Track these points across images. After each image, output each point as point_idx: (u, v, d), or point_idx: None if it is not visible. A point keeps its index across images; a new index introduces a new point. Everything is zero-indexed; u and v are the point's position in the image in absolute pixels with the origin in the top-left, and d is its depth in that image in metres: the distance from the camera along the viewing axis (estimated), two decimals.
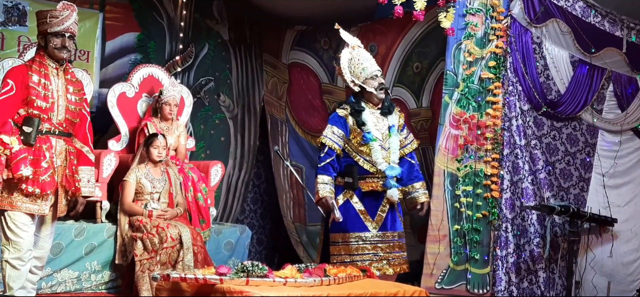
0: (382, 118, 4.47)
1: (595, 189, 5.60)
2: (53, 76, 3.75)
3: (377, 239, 4.35)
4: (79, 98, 3.87)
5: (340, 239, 4.39)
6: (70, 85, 3.83)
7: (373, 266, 4.26)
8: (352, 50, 4.57)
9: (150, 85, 6.01)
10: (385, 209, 4.42)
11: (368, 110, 4.44)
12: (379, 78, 4.47)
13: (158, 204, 5.06)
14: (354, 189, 4.35)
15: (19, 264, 3.66)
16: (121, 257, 5.05)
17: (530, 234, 5.29)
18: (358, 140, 4.39)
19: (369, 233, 4.34)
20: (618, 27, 5.57)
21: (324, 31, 7.19)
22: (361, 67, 4.47)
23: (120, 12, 6.46)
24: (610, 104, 5.70)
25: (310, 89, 7.37)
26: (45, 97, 3.68)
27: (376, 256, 4.33)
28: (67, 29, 3.73)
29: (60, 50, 3.73)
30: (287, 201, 7.58)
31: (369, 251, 4.33)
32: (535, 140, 5.40)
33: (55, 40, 3.71)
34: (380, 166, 4.33)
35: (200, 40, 7.01)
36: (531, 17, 5.32)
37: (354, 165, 4.38)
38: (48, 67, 3.74)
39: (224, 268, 3.40)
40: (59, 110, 3.74)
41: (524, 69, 5.33)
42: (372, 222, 4.37)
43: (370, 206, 4.38)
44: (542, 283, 5.31)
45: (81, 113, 3.89)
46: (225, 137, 7.26)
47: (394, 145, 4.44)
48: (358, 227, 4.33)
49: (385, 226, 4.40)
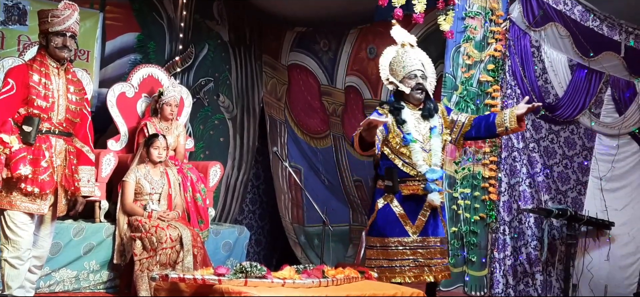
0: (423, 119, 4.23)
1: (592, 192, 5.62)
2: (54, 76, 3.75)
3: (416, 244, 4.14)
4: (79, 98, 3.87)
5: (378, 243, 4.20)
6: (71, 85, 3.83)
7: (412, 272, 4.10)
8: (400, 48, 4.32)
9: (150, 86, 6.02)
10: (426, 213, 4.18)
11: (408, 110, 4.23)
12: (417, 78, 4.22)
13: (158, 205, 5.06)
14: (395, 192, 4.15)
15: (17, 263, 3.66)
16: (119, 257, 5.06)
17: (528, 237, 5.31)
18: (397, 141, 4.17)
19: (409, 238, 4.14)
20: (616, 31, 5.60)
21: (324, 33, 7.21)
22: (402, 65, 4.24)
23: (121, 12, 6.47)
24: (608, 107, 5.73)
25: (310, 90, 7.38)
26: (46, 96, 3.68)
27: (416, 262, 4.12)
28: (69, 28, 3.73)
29: (62, 49, 3.73)
30: (285, 202, 7.59)
31: (408, 256, 4.12)
32: (533, 143, 5.42)
33: (57, 39, 3.71)
34: (421, 169, 4.10)
35: (200, 41, 7.03)
36: (530, 20, 5.33)
37: (394, 168, 4.16)
38: (49, 67, 3.74)
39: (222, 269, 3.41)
40: (59, 110, 3.74)
41: (523, 73, 5.35)
42: (412, 226, 4.16)
43: (410, 210, 4.16)
44: (539, 286, 5.32)
45: (82, 113, 3.89)
46: (224, 137, 7.27)
47: (435, 147, 4.18)
48: (397, 231, 4.14)
49: (426, 231, 4.17)
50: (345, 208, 7.33)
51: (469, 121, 4.33)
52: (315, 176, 7.49)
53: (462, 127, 4.32)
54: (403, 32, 4.41)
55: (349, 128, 7.14)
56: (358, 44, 6.96)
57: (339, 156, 7.29)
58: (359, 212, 7.24)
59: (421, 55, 4.37)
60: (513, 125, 4.22)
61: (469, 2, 5.30)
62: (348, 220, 7.33)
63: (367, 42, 6.86)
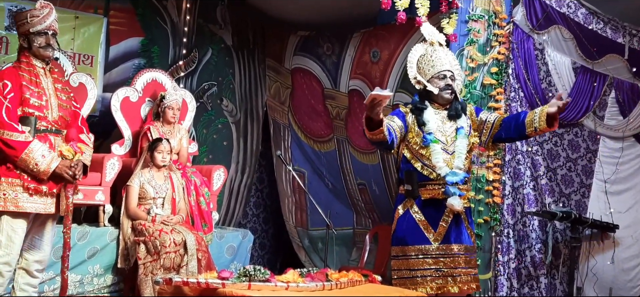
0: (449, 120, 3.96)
1: (596, 195, 5.61)
2: (42, 76, 3.71)
3: (439, 252, 3.86)
4: (68, 96, 3.84)
5: (400, 253, 3.93)
6: (58, 83, 3.80)
7: (435, 282, 3.83)
8: (429, 46, 4.08)
9: (153, 90, 6.03)
10: (448, 219, 3.88)
11: (432, 110, 3.97)
12: (446, 79, 3.97)
13: (162, 209, 5.07)
14: (415, 197, 3.90)
15: (6, 269, 3.60)
16: (123, 261, 5.07)
17: (532, 240, 5.29)
18: (417, 141, 3.91)
19: (431, 246, 3.85)
20: (620, 34, 5.59)
21: (327, 37, 7.21)
22: (431, 64, 4.00)
23: (124, 17, 6.50)
24: (612, 110, 5.71)
25: (313, 94, 7.39)
26: (39, 95, 3.64)
27: (439, 271, 3.84)
28: (50, 26, 3.70)
29: (45, 48, 3.69)
30: (289, 206, 7.59)
31: (430, 265, 3.84)
32: (536, 146, 5.41)
33: (39, 39, 3.68)
34: (440, 171, 3.82)
35: (204, 45, 7.04)
36: (533, 23, 5.33)
37: (413, 171, 3.91)
38: (35, 67, 3.71)
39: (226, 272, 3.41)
40: (52, 108, 3.70)
41: (526, 76, 5.34)
42: (434, 233, 3.87)
43: (431, 216, 3.88)
44: (544, 289, 5.31)
45: (71, 110, 3.85)
46: (227, 141, 7.28)
47: (459, 148, 3.89)
48: (418, 239, 3.87)
49: (448, 239, 3.87)
50: (349, 211, 7.33)
51: (498, 121, 4.01)
52: (319, 180, 7.50)
53: (492, 128, 4.01)
54: (433, 29, 4.19)
55: (353, 131, 7.14)
56: (361, 48, 6.96)
57: (343, 160, 7.29)
58: (363, 215, 7.23)
59: (450, 55, 4.14)
60: (542, 126, 3.82)
61: (472, 5, 5.29)
62: (352, 223, 7.33)
63: (370, 46, 6.86)
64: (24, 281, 3.78)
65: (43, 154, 3.55)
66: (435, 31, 4.17)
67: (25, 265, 3.76)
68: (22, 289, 3.77)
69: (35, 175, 3.56)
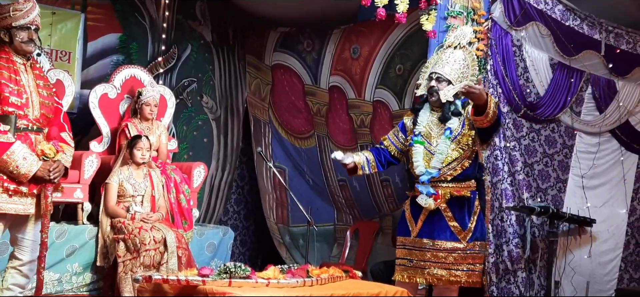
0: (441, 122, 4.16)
1: (572, 190, 5.67)
2: (22, 72, 3.63)
3: (411, 245, 4.21)
4: (49, 93, 3.76)
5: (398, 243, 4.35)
6: (39, 79, 3.72)
7: (406, 272, 4.19)
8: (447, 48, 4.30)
9: (132, 86, 5.99)
10: (424, 216, 4.17)
11: (427, 110, 4.24)
12: (432, 81, 4.17)
13: (141, 207, 5.04)
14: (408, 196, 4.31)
15: None
16: (103, 260, 5.03)
17: (509, 235, 5.34)
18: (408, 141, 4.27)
19: (409, 238, 4.23)
20: (597, 30, 5.66)
21: (307, 33, 7.21)
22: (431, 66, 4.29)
23: (102, 13, 6.44)
24: (589, 106, 5.78)
25: (294, 90, 7.38)
26: (19, 93, 3.57)
27: (410, 262, 4.18)
28: (32, 21, 3.63)
29: (28, 43, 3.61)
30: (270, 202, 7.59)
31: (405, 256, 4.23)
32: (514, 142, 5.46)
33: (21, 34, 3.60)
34: (417, 170, 4.13)
35: (183, 41, 7.00)
36: (511, 20, 5.38)
37: (408, 170, 4.31)
38: (16, 63, 3.62)
39: (206, 269, 3.40)
40: (33, 106, 3.63)
41: (504, 72, 5.39)
42: (415, 227, 4.21)
43: (414, 212, 4.23)
44: (521, 283, 5.36)
45: (54, 107, 3.78)
46: (208, 138, 7.25)
47: (440, 149, 4.09)
48: (403, 231, 4.28)
49: (422, 233, 4.17)
50: (330, 208, 7.34)
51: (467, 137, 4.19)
52: (300, 176, 7.50)
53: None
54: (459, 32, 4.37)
55: (333, 128, 7.15)
56: (342, 44, 6.97)
57: (324, 156, 7.31)
58: (344, 212, 7.25)
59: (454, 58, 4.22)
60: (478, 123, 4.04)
61: (451, 2, 5.32)
62: (333, 220, 7.35)
63: (350, 42, 6.87)
64: (13, 281, 3.71)
65: (24, 157, 3.49)
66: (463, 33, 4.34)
67: (18, 265, 3.70)
68: (9, 288, 3.70)
69: (15, 177, 3.51)
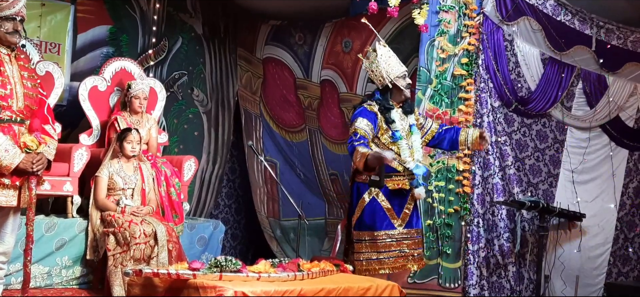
0: (404, 117, 4.46)
1: (563, 185, 5.70)
2: (7, 63, 3.60)
3: (402, 236, 4.38)
4: (34, 84, 3.73)
5: (366, 237, 4.36)
6: (24, 71, 3.69)
7: (398, 262, 4.35)
8: (383, 47, 4.53)
9: (122, 79, 5.95)
10: (410, 206, 4.43)
11: (395, 108, 4.43)
12: (407, 78, 4.47)
13: (131, 200, 5.02)
14: (380, 187, 4.33)
15: None
16: (92, 253, 5.00)
17: (500, 229, 5.37)
18: (386, 138, 4.36)
19: (396, 230, 4.36)
20: (588, 25, 5.68)
21: (299, 26, 7.19)
22: (392, 66, 4.44)
23: (92, 4, 6.39)
24: (580, 101, 5.81)
25: (285, 84, 7.37)
26: (3, 84, 3.54)
27: (402, 253, 4.37)
28: (18, 12, 3.60)
29: (13, 34, 3.59)
30: (261, 196, 7.58)
31: (395, 248, 4.36)
32: (505, 136, 5.48)
33: (6, 24, 3.57)
34: (409, 165, 4.33)
35: (174, 34, 6.96)
36: (503, 14, 5.38)
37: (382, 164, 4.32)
38: (0, 54, 3.61)
39: (197, 263, 3.39)
40: (17, 97, 3.60)
41: (496, 66, 5.40)
42: (398, 219, 4.38)
43: (396, 204, 4.38)
44: (512, 278, 5.39)
45: (38, 98, 3.75)
46: (198, 131, 7.22)
47: (416, 143, 4.43)
48: (385, 225, 4.34)
49: (410, 223, 4.43)
50: (321, 202, 7.34)
51: (432, 131, 4.62)
52: (291, 170, 7.49)
53: (427, 133, 4.60)
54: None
55: (325, 121, 7.14)
56: (333, 38, 6.96)
57: (315, 150, 7.30)
58: (335, 205, 7.25)
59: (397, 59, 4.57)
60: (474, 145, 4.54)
61: None
62: (324, 214, 7.35)
63: (342, 36, 6.86)
64: None
65: (6, 149, 3.47)
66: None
67: None
68: None
69: None
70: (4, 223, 3.71)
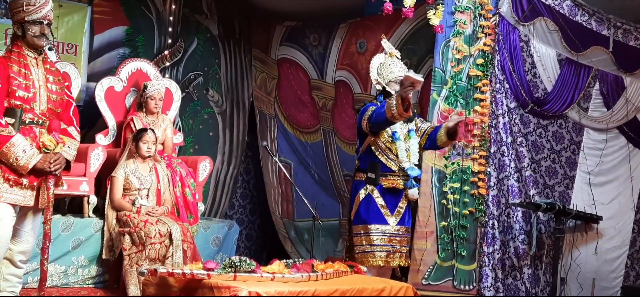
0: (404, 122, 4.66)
1: (580, 186, 5.65)
2: (33, 66, 3.69)
3: (394, 232, 4.61)
4: (59, 88, 3.81)
5: (362, 231, 4.62)
6: (50, 74, 3.77)
7: (388, 257, 4.56)
8: (388, 57, 4.79)
9: (138, 80, 5.99)
10: (403, 205, 4.66)
11: None
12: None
13: (147, 200, 5.04)
14: (376, 184, 4.58)
15: None
16: (108, 253, 5.04)
17: (516, 231, 5.33)
18: (386, 138, 4.60)
19: (389, 226, 4.60)
20: (605, 26, 5.62)
21: (314, 27, 7.20)
22: (389, 70, 4.69)
23: (109, 5, 6.44)
24: (596, 102, 5.75)
25: (300, 85, 7.37)
26: (27, 87, 3.62)
27: (393, 248, 4.59)
28: (45, 16, 3.68)
29: (40, 38, 3.67)
30: (275, 197, 7.59)
31: (387, 243, 4.58)
32: (521, 137, 5.44)
33: (34, 28, 3.66)
34: (405, 165, 4.57)
35: (189, 35, 7.00)
36: (519, 15, 5.35)
37: (378, 162, 4.60)
38: (27, 57, 3.69)
39: (211, 263, 3.41)
40: (41, 100, 3.68)
41: (512, 67, 5.36)
42: (391, 216, 4.62)
43: (390, 202, 4.62)
44: (527, 280, 5.35)
45: (63, 102, 3.82)
46: (213, 132, 7.25)
47: (413, 147, 4.66)
48: (379, 220, 4.59)
49: (402, 221, 4.66)
50: (335, 203, 7.33)
51: (427, 133, 4.76)
52: (305, 171, 7.50)
53: (422, 136, 4.77)
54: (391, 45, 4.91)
55: (339, 122, 7.14)
56: (348, 39, 6.95)
57: (329, 151, 7.29)
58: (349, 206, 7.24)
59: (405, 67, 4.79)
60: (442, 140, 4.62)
61: None
62: (338, 214, 7.34)
63: (357, 37, 6.86)
64: (8, 271, 3.76)
65: (24, 150, 3.54)
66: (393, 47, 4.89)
67: (9, 255, 3.73)
68: (6, 279, 3.75)
69: (15, 169, 3.55)
70: (24, 222, 3.76)
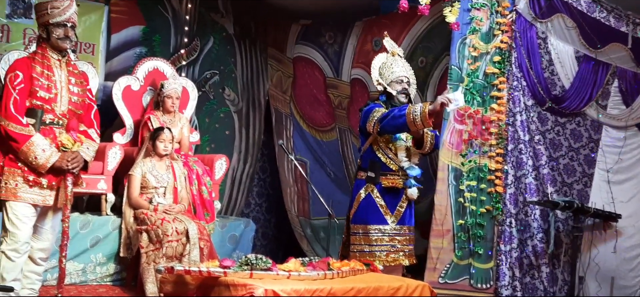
0: None
1: (598, 184, 5.58)
2: (56, 68, 3.77)
3: (394, 231, 4.60)
4: (82, 90, 3.89)
5: (360, 230, 4.63)
6: (72, 76, 3.85)
7: (390, 256, 4.56)
8: (390, 56, 4.80)
9: (155, 79, 6.03)
10: (403, 205, 4.67)
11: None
12: (403, 84, 4.70)
13: (164, 199, 5.08)
14: (375, 183, 4.59)
15: (14, 256, 3.66)
16: (126, 250, 5.08)
17: (533, 230, 5.29)
18: (387, 138, 4.62)
19: (388, 226, 4.59)
20: (623, 22, 5.55)
21: (329, 25, 7.19)
22: (391, 70, 4.71)
23: (126, 5, 6.49)
24: (615, 99, 5.67)
25: (315, 83, 7.37)
26: (49, 88, 3.70)
27: (393, 248, 4.58)
28: (69, 19, 3.75)
29: (64, 40, 3.75)
30: (291, 195, 7.60)
31: (387, 242, 4.58)
32: (539, 135, 5.40)
33: (58, 30, 3.73)
34: (404, 164, 4.60)
35: (205, 33, 7.03)
36: (536, 12, 5.30)
37: (378, 162, 4.61)
38: (50, 59, 3.77)
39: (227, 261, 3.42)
40: (62, 102, 3.76)
41: (529, 64, 5.32)
42: (391, 216, 4.62)
43: (390, 201, 4.62)
44: (545, 279, 5.31)
45: (84, 104, 3.90)
46: (229, 130, 7.28)
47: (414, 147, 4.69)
48: (378, 219, 4.59)
49: (403, 220, 4.65)
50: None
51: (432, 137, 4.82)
52: (321, 169, 7.50)
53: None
54: (394, 43, 4.94)
55: (355, 121, 7.12)
56: (363, 37, 6.94)
57: (345, 149, 7.29)
58: None
59: (407, 66, 4.85)
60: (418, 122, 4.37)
61: None
62: None
63: (372, 35, 6.84)
64: (28, 268, 3.84)
65: (43, 149, 3.61)
66: (395, 45, 4.92)
67: (30, 253, 3.80)
68: (26, 276, 3.83)
69: (34, 168, 3.62)
70: (44, 220, 3.83)
